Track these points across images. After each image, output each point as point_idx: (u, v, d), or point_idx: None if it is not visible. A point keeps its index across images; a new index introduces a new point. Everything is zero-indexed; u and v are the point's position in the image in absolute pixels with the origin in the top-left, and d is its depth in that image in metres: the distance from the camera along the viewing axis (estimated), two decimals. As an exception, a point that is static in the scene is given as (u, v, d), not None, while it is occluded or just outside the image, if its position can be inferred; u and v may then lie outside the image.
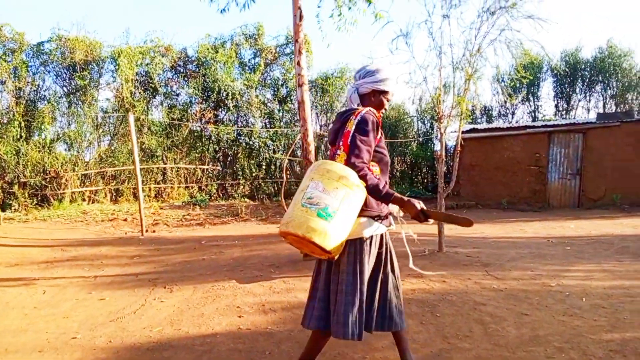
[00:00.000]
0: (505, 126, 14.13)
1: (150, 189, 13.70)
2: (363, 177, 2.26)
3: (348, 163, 2.26)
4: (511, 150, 12.73)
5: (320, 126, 17.00)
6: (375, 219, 2.44)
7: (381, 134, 2.46)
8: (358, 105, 2.50)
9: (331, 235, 2.13)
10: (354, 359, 3.02)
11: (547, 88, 17.28)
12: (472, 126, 14.59)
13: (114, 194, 13.26)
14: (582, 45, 17.48)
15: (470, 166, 13.21)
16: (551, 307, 3.88)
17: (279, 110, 16.29)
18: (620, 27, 32.32)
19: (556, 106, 17.60)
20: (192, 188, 14.61)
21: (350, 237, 2.32)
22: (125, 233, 8.57)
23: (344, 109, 2.58)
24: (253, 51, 16.18)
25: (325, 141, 16.94)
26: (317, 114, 16.90)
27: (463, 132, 14.08)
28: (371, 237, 2.43)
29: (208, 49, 15.20)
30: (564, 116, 17.17)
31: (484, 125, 15.33)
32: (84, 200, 12.43)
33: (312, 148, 8.12)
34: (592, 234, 7.93)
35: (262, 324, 3.67)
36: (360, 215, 2.33)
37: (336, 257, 2.31)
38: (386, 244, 2.54)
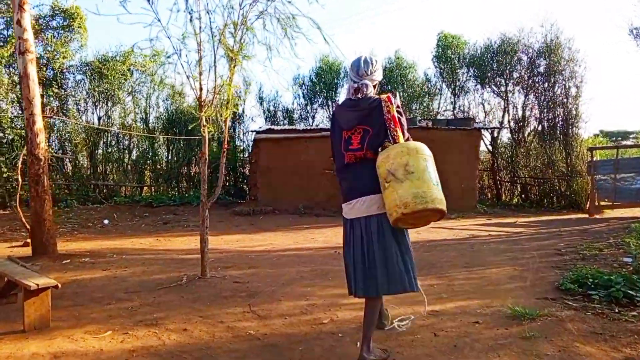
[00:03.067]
0: (301, 128, 13.69)
1: None
2: None
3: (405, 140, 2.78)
4: (307, 153, 12.24)
5: (99, 118, 14.33)
6: None
7: None
8: (374, 94, 2.90)
9: None
10: None
11: (344, 94, 17.49)
12: (268, 127, 13.81)
13: None
14: (375, 55, 18.23)
15: (267, 169, 12.33)
16: (316, 364, 2.83)
17: (42, 95, 13.16)
18: (406, 40, 36.06)
19: (353, 111, 18.06)
20: None
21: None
22: None
23: (354, 96, 2.86)
24: (4, 20, 12.78)
25: (106, 136, 14.38)
26: (94, 102, 14.19)
27: (259, 133, 13.25)
28: None
29: None
30: (360, 122, 17.70)
31: (281, 127, 14.71)
32: None
33: (40, 139, 6.01)
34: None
35: None
36: None
37: None
38: None
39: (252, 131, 14.41)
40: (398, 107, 2.82)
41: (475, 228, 9.32)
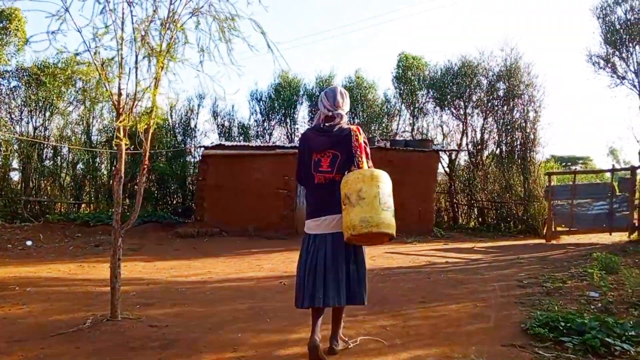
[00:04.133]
0: (254, 145, 13.02)
1: None
2: None
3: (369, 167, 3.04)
4: (260, 171, 11.54)
5: (35, 128, 13.17)
6: None
7: None
8: (347, 122, 3.21)
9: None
10: None
11: (303, 112, 17.21)
12: (219, 142, 13.05)
13: None
14: (335, 73, 17.87)
15: (216, 188, 11.52)
16: None
17: (-32, 102, 12.05)
18: (367, 60, 36.10)
19: (311, 130, 17.53)
20: None
21: None
22: None
23: (326, 123, 3.15)
24: None
25: (40, 148, 13.20)
26: (30, 111, 13.05)
27: (208, 148, 12.47)
28: None
29: None
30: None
31: (233, 143, 13.95)
32: None
33: None
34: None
35: None
36: None
37: None
38: None
39: (200, 147, 13.60)
40: (365, 137, 3.13)
41: (432, 254, 8.85)
